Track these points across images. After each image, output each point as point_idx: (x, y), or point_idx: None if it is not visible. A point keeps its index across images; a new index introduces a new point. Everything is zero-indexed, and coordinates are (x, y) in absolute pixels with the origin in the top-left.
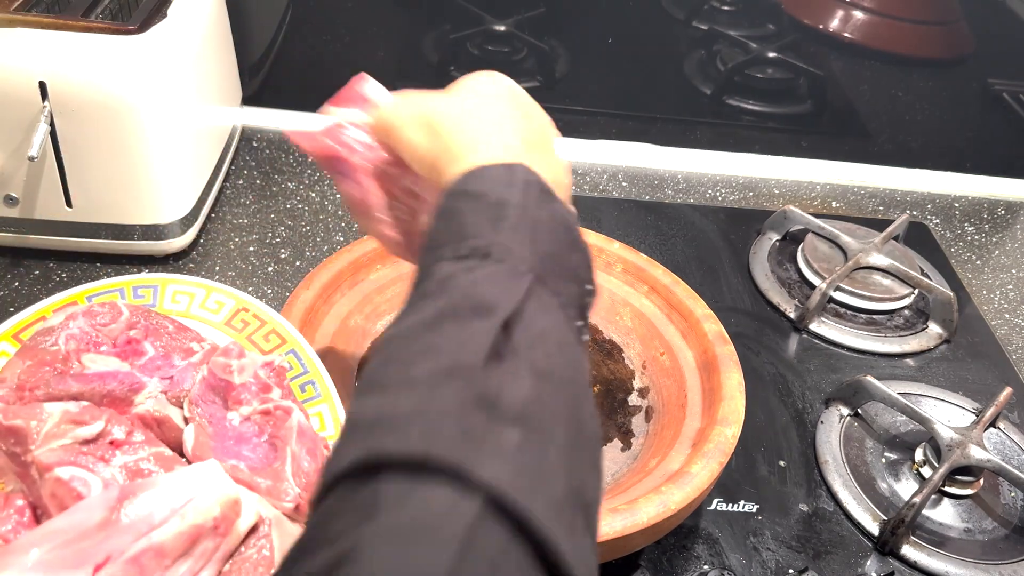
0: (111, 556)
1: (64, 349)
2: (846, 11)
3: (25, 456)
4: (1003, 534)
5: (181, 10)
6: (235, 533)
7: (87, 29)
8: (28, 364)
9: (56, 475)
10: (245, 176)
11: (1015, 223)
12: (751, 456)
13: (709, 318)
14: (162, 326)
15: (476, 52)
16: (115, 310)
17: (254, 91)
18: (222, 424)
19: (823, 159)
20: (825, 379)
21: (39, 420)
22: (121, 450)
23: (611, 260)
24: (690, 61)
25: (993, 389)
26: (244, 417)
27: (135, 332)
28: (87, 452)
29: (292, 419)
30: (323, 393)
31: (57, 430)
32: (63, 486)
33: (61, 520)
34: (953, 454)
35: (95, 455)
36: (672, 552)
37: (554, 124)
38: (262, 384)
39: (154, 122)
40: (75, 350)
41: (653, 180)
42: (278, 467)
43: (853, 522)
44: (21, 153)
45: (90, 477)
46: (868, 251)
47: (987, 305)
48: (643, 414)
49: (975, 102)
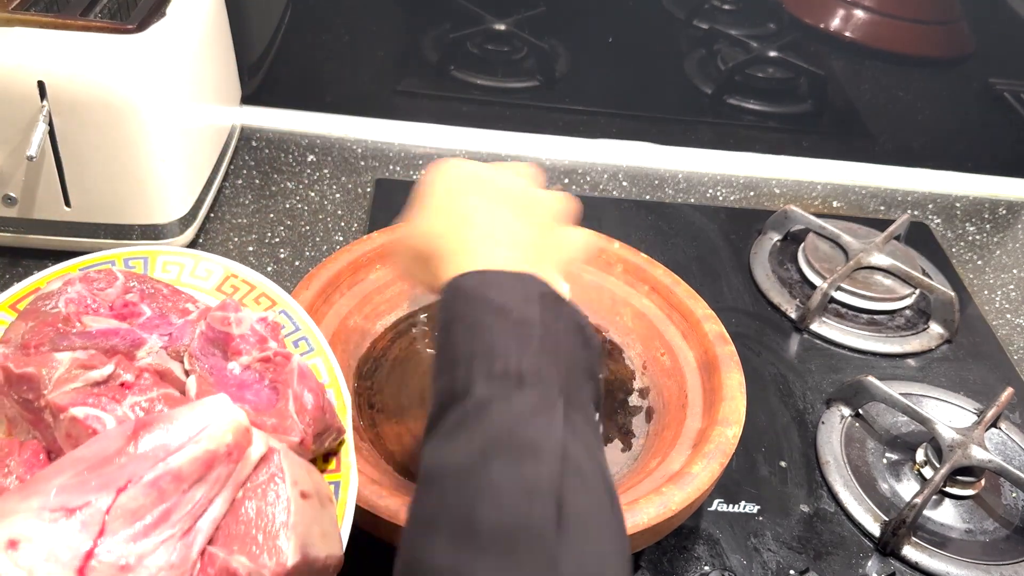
0: (131, 479)
1: (64, 311)
2: (847, 10)
3: (38, 401)
4: (1004, 535)
5: (180, 9)
6: (247, 460)
7: (86, 28)
8: (31, 325)
9: (71, 414)
10: (244, 176)
11: (1016, 223)
12: (752, 457)
13: (710, 318)
14: (157, 289)
15: (476, 51)
16: (111, 276)
17: (253, 90)
18: (223, 374)
19: (824, 159)
20: (826, 379)
21: (50, 367)
22: (131, 391)
23: (611, 260)
24: (691, 60)
25: (994, 389)
26: (244, 366)
27: (131, 296)
28: (99, 393)
29: (292, 363)
30: (316, 347)
31: (68, 375)
32: (78, 424)
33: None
34: (954, 454)
35: (107, 396)
36: (673, 553)
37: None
38: (259, 336)
39: (153, 121)
40: (75, 312)
41: (653, 180)
42: (282, 406)
43: (854, 523)
44: (20, 153)
45: (104, 415)
46: (869, 251)
47: (988, 305)
48: (643, 414)
49: (976, 102)
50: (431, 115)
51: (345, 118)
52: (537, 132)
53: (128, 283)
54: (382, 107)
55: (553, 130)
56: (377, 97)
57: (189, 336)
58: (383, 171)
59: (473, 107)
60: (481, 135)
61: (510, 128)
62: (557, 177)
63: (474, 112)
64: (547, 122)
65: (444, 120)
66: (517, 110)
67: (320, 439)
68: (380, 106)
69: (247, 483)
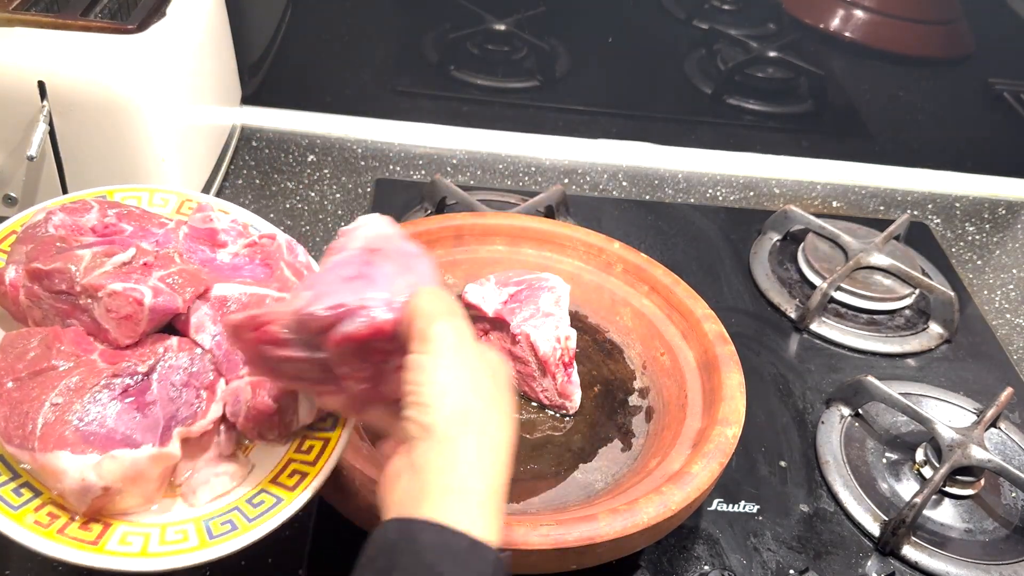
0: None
1: (57, 234)
2: (847, 10)
3: (73, 289)
4: (1004, 534)
5: (180, 9)
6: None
7: (86, 28)
8: (32, 246)
9: (111, 288)
10: (244, 175)
11: (1016, 223)
12: (752, 456)
13: (709, 318)
14: (130, 211)
15: (476, 51)
16: (85, 205)
17: (253, 90)
18: (215, 264)
19: (824, 159)
20: (826, 379)
21: (75, 260)
22: (154, 268)
23: (611, 260)
24: (690, 60)
25: (994, 389)
26: (233, 254)
27: (109, 219)
28: (128, 272)
29: (278, 239)
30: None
31: (95, 262)
32: (119, 297)
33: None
34: (954, 454)
35: (136, 273)
36: (672, 553)
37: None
38: (239, 229)
39: (153, 121)
40: (66, 236)
41: (653, 180)
42: (279, 274)
43: (854, 522)
44: (20, 152)
45: (139, 287)
46: (869, 251)
47: (988, 305)
48: (643, 414)
49: (976, 101)
50: (431, 115)
51: (345, 118)
52: (537, 132)
53: (104, 209)
54: (382, 107)
55: (553, 130)
56: (377, 97)
57: (174, 240)
58: (383, 171)
59: (473, 107)
60: (481, 135)
61: (510, 128)
62: (557, 177)
63: (474, 112)
64: (547, 122)
65: (444, 120)
66: (517, 110)
67: None
68: (380, 106)
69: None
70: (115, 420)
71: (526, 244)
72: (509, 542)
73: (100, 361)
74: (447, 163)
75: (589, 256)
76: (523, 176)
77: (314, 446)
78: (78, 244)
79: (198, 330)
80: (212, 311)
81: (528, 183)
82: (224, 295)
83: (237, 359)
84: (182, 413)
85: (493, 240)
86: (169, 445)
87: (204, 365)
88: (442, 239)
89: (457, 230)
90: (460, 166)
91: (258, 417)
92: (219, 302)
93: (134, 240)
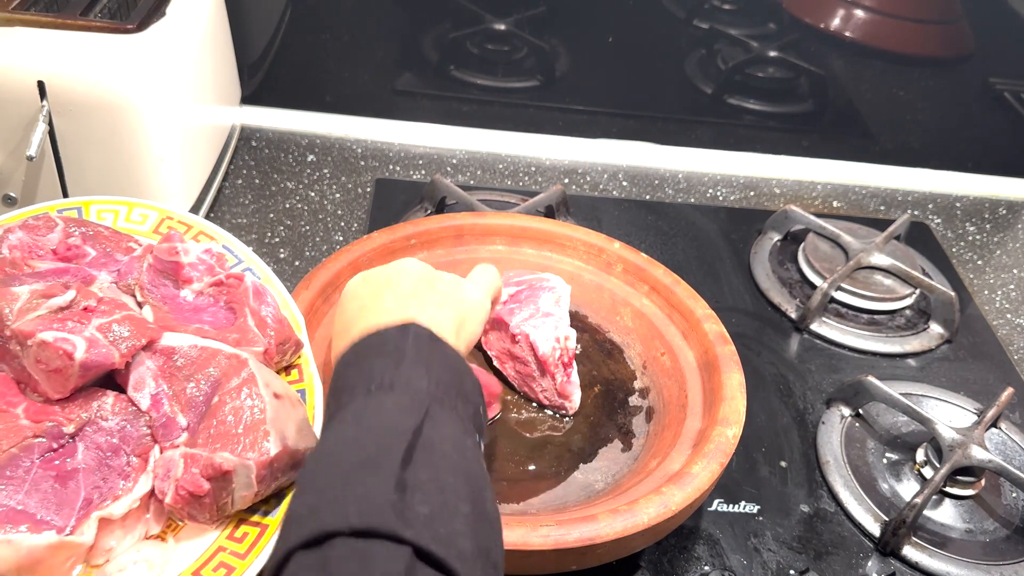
0: None
1: (10, 256)
2: (847, 10)
3: (2, 332)
4: (1004, 535)
5: (180, 9)
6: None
7: (86, 28)
8: None
9: (40, 339)
10: (244, 175)
11: (1016, 223)
12: (752, 457)
13: (710, 318)
14: (97, 232)
15: (476, 51)
16: (49, 222)
17: (253, 90)
18: (176, 302)
19: (824, 158)
20: (826, 379)
21: (9, 300)
22: (95, 314)
23: (611, 260)
24: (691, 60)
25: (994, 389)
26: (197, 292)
27: (73, 239)
28: (64, 318)
29: (246, 281)
30: (263, 276)
31: (30, 304)
32: (48, 348)
33: None
34: (954, 454)
35: (72, 320)
36: (673, 553)
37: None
38: (207, 264)
39: (153, 121)
40: (20, 258)
41: (653, 179)
42: (241, 323)
43: (854, 523)
44: (20, 152)
45: (73, 337)
46: (869, 251)
47: (988, 305)
48: (643, 414)
49: (976, 101)
50: (431, 115)
51: (345, 118)
52: (537, 132)
53: (68, 228)
54: (382, 107)
55: (553, 130)
56: (377, 97)
57: (137, 270)
58: (383, 171)
59: (473, 107)
60: (481, 135)
61: (510, 128)
62: (557, 177)
63: (474, 112)
64: (547, 122)
65: (444, 120)
66: (517, 110)
67: (282, 349)
68: (380, 106)
69: (222, 388)
70: (27, 493)
71: (526, 244)
72: (509, 542)
73: (23, 417)
74: (447, 163)
75: (589, 256)
76: (523, 176)
77: (248, 534)
78: (28, 271)
79: (137, 387)
80: (155, 365)
81: (528, 183)
82: (172, 346)
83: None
84: (106, 486)
85: (493, 240)
86: (79, 531)
87: (138, 429)
88: (442, 239)
89: (457, 230)
90: (460, 166)
91: (187, 497)
92: (165, 354)
93: (95, 267)
